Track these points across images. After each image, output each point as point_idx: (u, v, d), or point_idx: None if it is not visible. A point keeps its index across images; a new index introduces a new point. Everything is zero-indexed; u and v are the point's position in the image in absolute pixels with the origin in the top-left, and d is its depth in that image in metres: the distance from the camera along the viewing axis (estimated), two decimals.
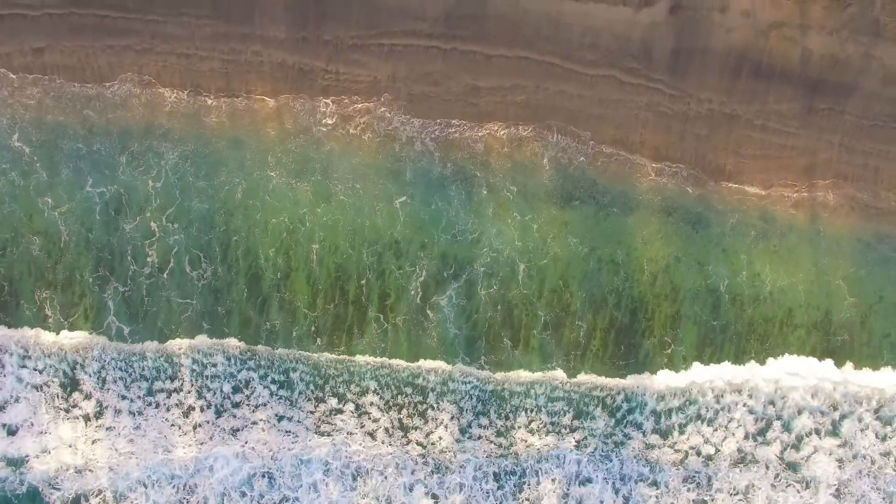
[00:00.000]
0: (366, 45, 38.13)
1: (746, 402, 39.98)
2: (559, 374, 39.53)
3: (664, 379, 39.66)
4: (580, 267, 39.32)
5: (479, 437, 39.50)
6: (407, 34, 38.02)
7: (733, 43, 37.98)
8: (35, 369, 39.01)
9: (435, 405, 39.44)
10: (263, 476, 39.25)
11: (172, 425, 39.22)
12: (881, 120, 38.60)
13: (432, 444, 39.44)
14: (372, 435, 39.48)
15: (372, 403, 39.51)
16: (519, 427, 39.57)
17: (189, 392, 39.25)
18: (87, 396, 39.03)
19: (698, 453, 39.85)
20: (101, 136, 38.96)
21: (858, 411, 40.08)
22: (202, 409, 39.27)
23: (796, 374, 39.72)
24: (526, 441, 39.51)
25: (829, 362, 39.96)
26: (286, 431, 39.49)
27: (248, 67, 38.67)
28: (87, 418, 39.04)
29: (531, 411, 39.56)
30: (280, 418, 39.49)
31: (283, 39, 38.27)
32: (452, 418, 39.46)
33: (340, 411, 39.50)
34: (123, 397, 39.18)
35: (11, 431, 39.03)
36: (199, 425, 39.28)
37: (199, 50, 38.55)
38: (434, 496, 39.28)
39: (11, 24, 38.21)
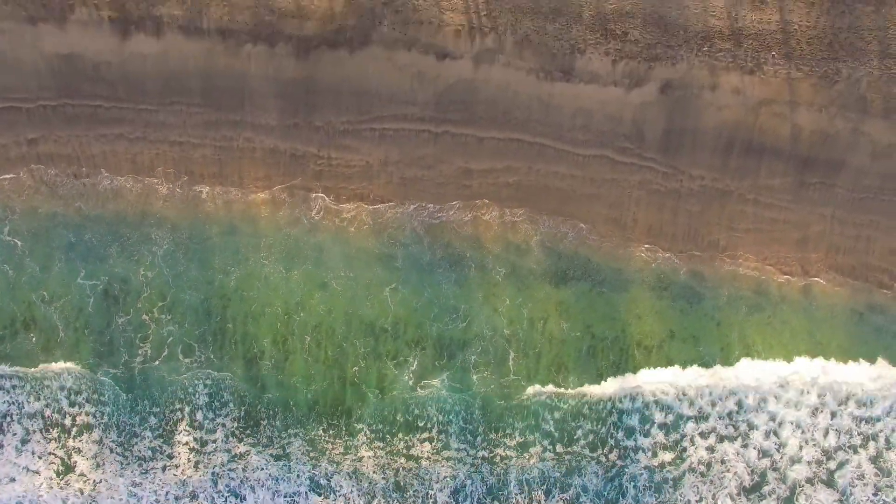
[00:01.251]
0: (357, 130, 37.43)
1: (740, 450, 39.27)
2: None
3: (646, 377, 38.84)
4: (574, 347, 38.69)
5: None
6: (398, 118, 37.33)
7: (724, 120, 37.24)
8: (34, 453, 38.71)
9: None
10: None
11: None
12: (871, 192, 37.80)
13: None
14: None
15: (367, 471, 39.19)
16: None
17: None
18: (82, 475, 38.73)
19: None
20: (93, 227, 38.35)
21: (855, 459, 39.34)
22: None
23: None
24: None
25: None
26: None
27: (241, 154, 37.96)
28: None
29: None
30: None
31: (274, 126, 37.58)
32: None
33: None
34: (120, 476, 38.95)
35: None
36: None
37: (191, 137, 37.86)
38: None
39: (7, 117, 37.49)
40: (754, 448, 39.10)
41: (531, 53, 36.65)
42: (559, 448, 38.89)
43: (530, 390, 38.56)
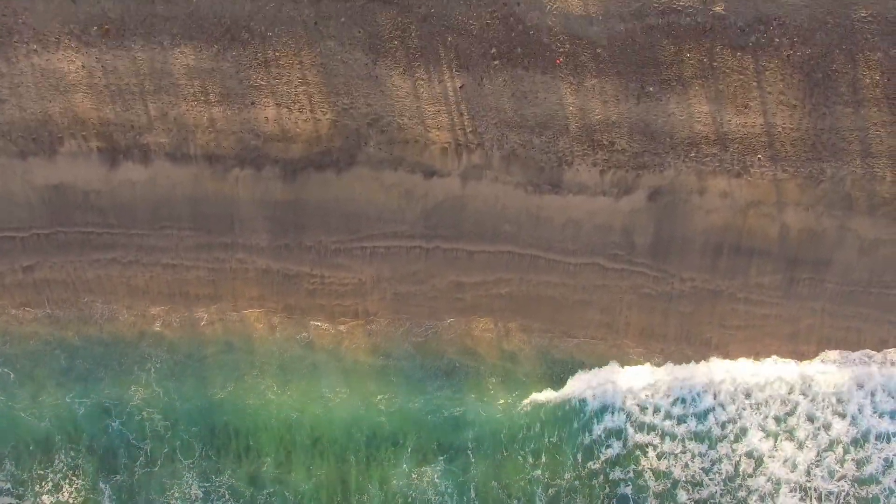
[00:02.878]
0: (348, 248, 36.51)
1: None
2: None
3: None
4: (572, 443, 38.35)
5: None
6: (388, 236, 36.42)
7: (713, 223, 36.47)
8: None
9: None
10: None
11: None
12: (860, 286, 36.95)
13: None
14: None
15: None
16: None
17: None
18: None
19: None
20: (88, 349, 37.63)
21: None
22: None
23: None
24: None
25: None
26: None
27: (234, 275, 37.07)
28: None
29: None
30: None
31: (265, 247, 36.62)
32: None
33: None
34: None
35: None
36: None
37: (184, 260, 37.00)
38: None
39: (1, 246, 36.73)
40: None
41: (519, 168, 35.91)
42: None
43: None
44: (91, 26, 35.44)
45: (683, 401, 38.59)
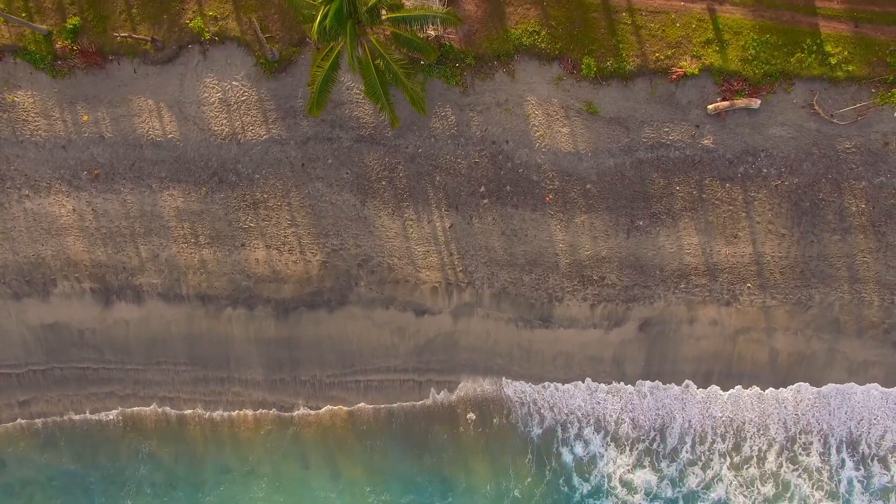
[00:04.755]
0: (343, 382, 36.85)
1: None
2: None
3: None
4: None
5: None
6: (381, 370, 36.45)
7: (703, 350, 36.40)
8: None
9: None
10: None
11: None
12: None
13: None
14: None
15: None
16: None
17: None
18: None
19: None
20: (83, 474, 38.10)
21: None
22: None
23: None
24: None
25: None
26: None
27: (230, 407, 37.55)
28: None
29: None
30: None
31: (260, 381, 36.77)
32: None
33: None
34: None
35: None
36: None
37: (180, 393, 37.17)
38: None
39: None
40: None
41: (509, 305, 35.93)
42: None
43: None
44: (81, 171, 35.26)
45: (672, 482, 38.93)
